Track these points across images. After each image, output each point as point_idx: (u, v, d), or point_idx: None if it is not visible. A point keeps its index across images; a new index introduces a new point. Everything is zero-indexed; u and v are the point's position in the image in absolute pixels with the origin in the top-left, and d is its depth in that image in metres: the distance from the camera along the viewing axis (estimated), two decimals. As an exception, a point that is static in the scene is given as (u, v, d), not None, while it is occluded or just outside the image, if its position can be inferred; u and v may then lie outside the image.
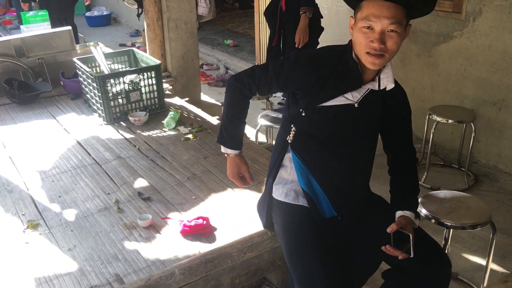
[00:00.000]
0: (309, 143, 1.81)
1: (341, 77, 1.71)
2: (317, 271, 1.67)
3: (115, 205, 2.31)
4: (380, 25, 1.58)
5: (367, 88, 1.72)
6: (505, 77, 3.36)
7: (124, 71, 3.25)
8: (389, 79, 1.72)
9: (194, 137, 2.99)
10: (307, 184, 1.84)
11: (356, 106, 1.73)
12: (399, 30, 1.59)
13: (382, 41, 1.59)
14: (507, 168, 3.50)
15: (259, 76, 1.80)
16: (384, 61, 1.63)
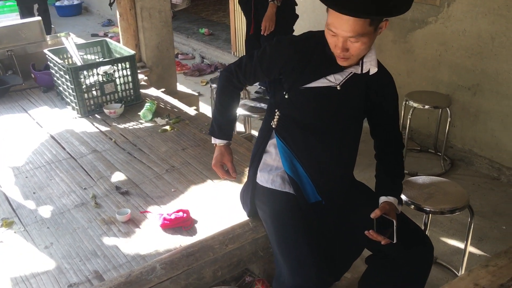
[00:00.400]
0: (293, 127, 1.81)
1: (323, 59, 1.71)
2: (310, 260, 1.67)
3: (92, 200, 2.26)
4: (342, 36, 1.56)
5: (350, 72, 1.72)
6: (479, 62, 3.40)
7: (98, 62, 3.17)
8: (372, 63, 1.71)
9: (171, 129, 2.94)
10: (291, 168, 1.84)
11: (338, 89, 1.73)
12: (363, 40, 1.56)
13: (345, 48, 1.58)
14: (482, 152, 3.56)
15: (245, 64, 1.83)
16: (351, 61, 1.66)
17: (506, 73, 3.25)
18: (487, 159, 3.53)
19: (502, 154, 3.43)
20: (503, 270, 1.59)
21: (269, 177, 1.87)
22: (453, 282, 1.55)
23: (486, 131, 3.50)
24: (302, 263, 1.68)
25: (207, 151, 2.67)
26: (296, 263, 1.69)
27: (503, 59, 3.24)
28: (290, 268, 1.69)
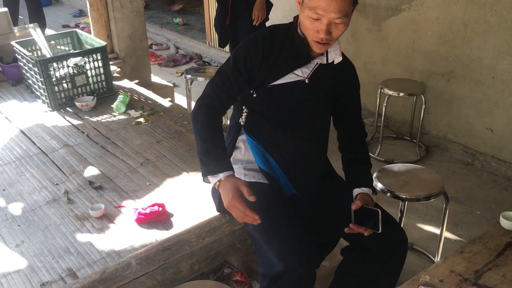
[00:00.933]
0: (262, 123, 1.79)
1: (289, 54, 1.70)
2: (297, 245, 1.64)
3: (64, 196, 2.20)
4: (327, 18, 1.57)
5: (316, 63, 1.72)
6: (452, 49, 3.43)
7: (68, 54, 3.09)
8: (337, 53, 1.73)
9: (145, 121, 2.89)
10: (264, 162, 1.82)
11: (306, 82, 1.72)
12: (346, 21, 1.60)
13: (329, 32, 1.59)
14: (456, 138, 3.60)
15: (222, 81, 1.71)
16: (330, 46, 1.67)
17: (479, 59, 3.29)
18: (461, 145, 3.57)
19: (476, 140, 3.48)
20: (478, 256, 1.61)
21: (241, 171, 1.85)
22: (429, 269, 1.56)
23: (459, 117, 3.54)
24: (290, 246, 1.63)
25: (182, 143, 2.63)
26: (284, 247, 1.64)
27: (476, 45, 3.27)
28: (278, 253, 1.64)
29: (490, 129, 3.36)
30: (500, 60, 3.17)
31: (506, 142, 3.29)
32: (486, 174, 3.36)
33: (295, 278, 1.59)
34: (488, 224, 2.84)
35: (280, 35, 1.71)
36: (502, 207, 2.99)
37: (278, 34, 1.72)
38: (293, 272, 1.58)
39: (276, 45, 1.70)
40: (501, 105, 3.25)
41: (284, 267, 1.59)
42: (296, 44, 1.69)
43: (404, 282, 1.68)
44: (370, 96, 4.11)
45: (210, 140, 1.64)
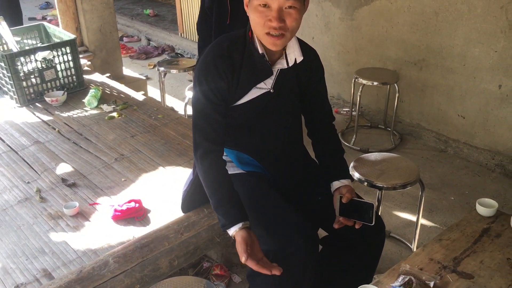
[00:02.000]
0: (235, 132, 1.77)
1: (250, 70, 1.63)
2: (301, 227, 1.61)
3: (36, 194, 2.14)
4: (277, 2, 1.48)
5: (277, 70, 1.67)
6: (424, 37, 3.46)
7: (35, 48, 2.99)
8: (296, 53, 1.67)
9: (119, 115, 2.83)
10: (244, 163, 1.82)
11: (272, 92, 1.69)
12: (298, 6, 1.51)
13: (281, 19, 1.50)
14: (430, 126, 3.65)
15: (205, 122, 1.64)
16: (285, 40, 1.56)
17: (450, 47, 3.32)
18: (434, 132, 3.62)
19: (448, 127, 3.53)
20: (456, 243, 1.63)
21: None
22: (409, 258, 1.58)
23: (432, 105, 3.59)
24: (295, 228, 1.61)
25: (157, 137, 2.59)
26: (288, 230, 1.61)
27: (447, 33, 3.31)
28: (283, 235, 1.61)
29: (462, 116, 3.42)
30: (470, 48, 3.21)
31: (477, 128, 3.35)
32: (459, 161, 3.42)
33: (303, 257, 1.58)
34: (462, 209, 2.89)
35: (237, 53, 1.63)
36: (475, 192, 3.05)
37: (235, 51, 1.63)
38: (301, 252, 1.57)
39: (235, 64, 1.62)
40: (472, 92, 3.30)
41: (294, 248, 1.56)
42: (255, 61, 1.63)
43: (382, 269, 1.70)
44: (344, 85, 4.13)
45: (214, 195, 1.61)
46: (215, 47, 1.65)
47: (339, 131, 3.79)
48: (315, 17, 4.10)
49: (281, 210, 1.68)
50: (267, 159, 1.81)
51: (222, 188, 1.61)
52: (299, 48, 1.69)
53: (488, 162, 3.32)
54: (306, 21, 4.17)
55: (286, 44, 1.64)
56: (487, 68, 3.16)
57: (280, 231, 1.61)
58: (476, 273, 1.50)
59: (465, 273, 1.50)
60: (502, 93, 3.13)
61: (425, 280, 1.44)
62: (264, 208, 1.70)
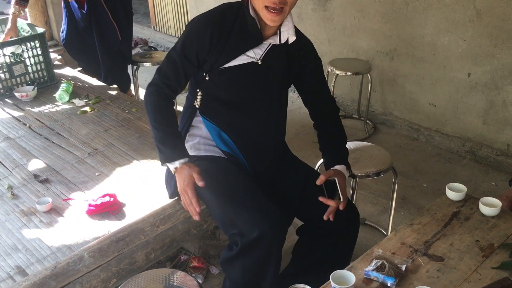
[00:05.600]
0: (217, 105, 1.76)
1: (241, 35, 1.66)
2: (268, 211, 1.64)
3: (8, 191, 2.11)
4: None
5: (269, 43, 1.69)
6: (395, 27, 3.50)
7: (3, 43, 2.93)
8: (290, 32, 1.69)
9: (91, 110, 2.80)
10: (222, 142, 1.81)
11: (259, 63, 1.69)
12: None
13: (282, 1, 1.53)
14: (402, 114, 3.71)
15: (168, 67, 1.69)
16: (283, 15, 1.59)
17: (420, 37, 3.38)
18: (407, 121, 3.69)
19: (420, 115, 3.59)
20: (427, 227, 1.67)
21: (200, 146, 1.83)
22: (381, 243, 1.61)
23: (404, 94, 3.64)
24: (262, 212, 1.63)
25: (131, 131, 2.57)
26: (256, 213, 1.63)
27: (417, 23, 3.36)
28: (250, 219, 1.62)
29: (433, 104, 3.48)
30: (440, 37, 3.27)
31: (448, 116, 3.42)
32: (431, 148, 3.49)
33: (268, 242, 1.60)
34: (434, 196, 2.95)
35: (231, 15, 1.67)
36: (447, 178, 3.12)
37: (229, 14, 1.67)
38: (266, 236, 1.59)
39: (226, 26, 1.65)
40: (442, 81, 3.36)
41: (258, 233, 1.58)
42: (247, 24, 1.65)
43: (358, 256, 1.73)
44: (318, 76, 4.15)
45: (163, 129, 1.70)
46: (211, 12, 1.70)
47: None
48: (288, 8, 4.10)
49: (250, 195, 1.69)
50: (247, 143, 1.81)
51: (172, 124, 1.71)
52: (293, 28, 1.70)
53: (459, 149, 3.39)
54: (279, 12, 4.17)
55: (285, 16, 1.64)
56: (457, 57, 3.23)
57: (247, 215, 1.63)
58: (446, 256, 1.54)
59: (435, 256, 1.54)
60: (471, 81, 3.20)
61: (397, 264, 1.47)
62: (234, 191, 1.71)
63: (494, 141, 3.22)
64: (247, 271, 1.65)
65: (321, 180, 1.72)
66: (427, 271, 1.49)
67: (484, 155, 3.26)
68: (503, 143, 3.18)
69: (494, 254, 1.55)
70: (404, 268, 1.46)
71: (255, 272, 1.65)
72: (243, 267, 1.64)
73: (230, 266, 1.70)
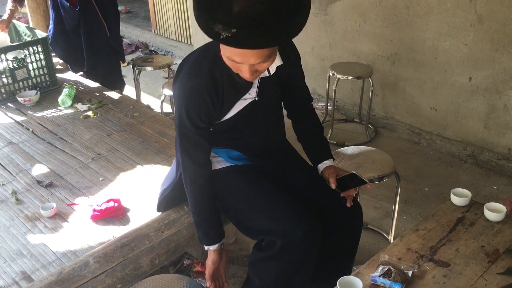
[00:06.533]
0: (222, 137, 1.79)
1: (232, 85, 1.63)
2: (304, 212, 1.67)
3: (12, 196, 2.11)
4: (247, 64, 1.41)
5: (258, 78, 1.68)
6: (396, 31, 3.51)
7: (5, 47, 2.93)
8: (276, 61, 1.66)
9: (94, 114, 2.80)
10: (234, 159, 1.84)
11: (257, 100, 1.71)
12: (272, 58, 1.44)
13: (254, 71, 1.44)
14: (403, 118, 3.72)
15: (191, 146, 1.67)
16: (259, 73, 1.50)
17: (421, 41, 3.39)
18: (408, 125, 3.69)
19: (421, 119, 3.60)
20: (432, 233, 1.67)
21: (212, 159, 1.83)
22: (387, 249, 1.61)
23: (405, 98, 3.65)
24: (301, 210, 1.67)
25: (134, 136, 2.57)
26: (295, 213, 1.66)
27: (418, 28, 3.37)
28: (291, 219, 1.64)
29: (434, 108, 3.49)
30: (441, 42, 3.28)
31: (449, 120, 3.43)
32: (432, 152, 3.50)
33: (310, 242, 1.63)
34: (436, 200, 2.96)
35: (218, 71, 1.58)
36: (449, 183, 3.13)
37: (216, 71, 1.58)
38: (308, 236, 1.62)
39: (218, 84, 1.60)
40: (443, 85, 3.37)
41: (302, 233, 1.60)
42: (235, 79, 1.60)
43: (361, 260, 1.73)
44: (319, 80, 4.16)
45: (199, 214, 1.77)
46: (196, 70, 1.59)
47: (315, 125, 3.82)
48: (289, 12, 4.11)
49: (284, 197, 1.73)
50: (254, 153, 1.84)
51: (206, 211, 1.76)
52: (278, 54, 1.64)
53: (460, 153, 3.40)
54: (280, 16, 4.18)
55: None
56: (458, 61, 3.24)
57: (288, 216, 1.66)
58: (452, 261, 1.55)
59: (441, 262, 1.55)
60: (472, 85, 3.21)
61: (404, 270, 1.48)
62: (267, 195, 1.74)
63: (495, 145, 3.23)
64: (284, 272, 1.67)
65: (334, 183, 1.74)
66: (433, 276, 1.49)
67: (486, 159, 3.27)
68: (505, 147, 3.19)
69: (500, 260, 1.55)
70: (411, 274, 1.47)
71: (292, 272, 1.68)
72: (279, 268, 1.66)
73: (263, 268, 1.71)
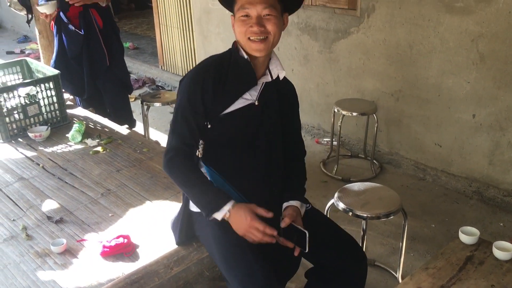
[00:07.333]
0: (220, 151, 1.81)
1: (236, 79, 1.74)
2: (257, 269, 1.65)
3: (22, 232, 2.12)
4: (255, 11, 1.66)
5: (262, 83, 1.78)
6: (399, 69, 3.59)
7: (18, 84, 3.00)
8: (279, 67, 1.81)
9: (103, 150, 2.84)
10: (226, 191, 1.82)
11: (256, 104, 1.77)
12: (275, 13, 1.68)
13: (261, 24, 1.66)
14: (408, 154, 3.75)
15: (182, 127, 1.73)
16: (268, 44, 1.70)
17: (425, 79, 3.45)
18: (413, 161, 3.72)
19: (426, 155, 3.63)
20: (442, 271, 1.68)
21: None
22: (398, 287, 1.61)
23: (410, 134, 3.69)
24: (250, 274, 1.65)
25: (143, 171, 2.60)
26: (244, 275, 1.66)
27: (421, 65, 3.44)
28: (240, 281, 1.66)
29: (439, 144, 3.52)
30: (444, 79, 3.34)
31: (454, 156, 3.46)
32: (438, 188, 3.51)
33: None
34: (443, 237, 2.96)
35: (224, 61, 1.76)
36: (455, 219, 3.13)
37: (222, 61, 1.76)
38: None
39: (222, 72, 1.73)
40: (447, 122, 3.42)
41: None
42: (241, 67, 1.73)
43: (370, 300, 1.73)
44: (324, 116, 4.22)
45: (198, 184, 1.72)
46: (206, 60, 1.79)
47: (321, 161, 3.85)
48: (294, 50, 4.21)
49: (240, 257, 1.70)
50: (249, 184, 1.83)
51: (199, 182, 1.72)
52: (281, 65, 1.82)
53: (465, 189, 3.41)
54: (285, 53, 4.28)
55: (270, 59, 1.78)
56: (461, 99, 3.29)
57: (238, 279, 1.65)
58: (462, 301, 1.55)
59: (452, 301, 1.55)
60: (476, 122, 3.26)
61: (414, 309, 1.48)
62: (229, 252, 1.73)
63: (500, 182, 3.24)
64: None
65: (286, 224, 1.72)
66: (444, 316, 1.49)
67: (491, 196, 3.28)
68: (510, 183, 3.20)
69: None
70: (421, 313, 1.47)
71: None
72: None
73: None
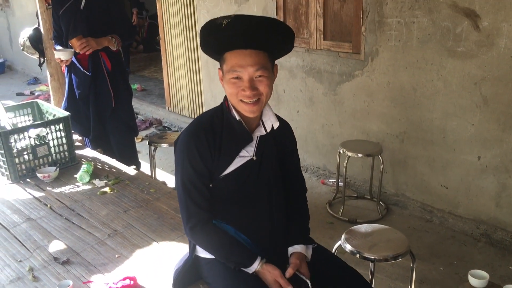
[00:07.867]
0: (224, 206, 1.83)
1: (231, 139, 1.75)
2: None
3: (29, 273, 2.12)
4: (247, 74, 1.65)
5: (256, 137, 1.79)
6: (404, 111, 3.63)
7: (29, 126, 3.06)
8: (272, 119, 1.81)
9: (111, 190, 2.86)
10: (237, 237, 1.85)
11: (254, 159, 1.78)
12: (267, 74, 1.67)
13: (253, 87, 1.65)
14: (414, 195, 3.74)
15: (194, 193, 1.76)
16: (261, 105, 1.71)
17: (429, 120, 3.49)
18: (419, 202, 3.71)
19: (432, 197, 3.63)
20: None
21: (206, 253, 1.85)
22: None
23: (415, 175, 3.70)
24: None
25: (150, 212, 2.61)
26: None
27: (425, 108, 3.49)
28: None
29: (445, 186, 3.52)
30: (448, 121, 3.38)
31: (460, 198, 3.45)
32: (445, 230, 3.49)
33: None
34: (452, 280, 2.92)
35: (217, 120, 1.76)
36: (463, 262, 3.09)
37: (215, 119, 1.76)
38: None
39: (216, 131, 1.74)
40: (453, 163, 3.43)
41: None
42: (234, 127, 1.75)
43: None
44: (329, 157, 4.24)
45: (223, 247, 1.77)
46: (198, 121, 1.79)
47: (327, 202, 3.85)
48: (300, 92, 4.29)
49: None
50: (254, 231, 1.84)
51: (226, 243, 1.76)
52: (274, 115, 1.82)
53: (473, 231, 3.38)
54: (291, 95, 4.36)
55: (262, 111, 1.77)
56: (466, 140, 3.31)
57: None
58: None
59: None
60: (481, 164, 3.27)
61: None
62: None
63: (508, 224, 3.22)
64: None
65: (290, 274, 1.73)
66: None
67: (499, 238, 3.25)
68: (518, 225, 3.18)
69: None
70: None
71: None
72: None
73: None
